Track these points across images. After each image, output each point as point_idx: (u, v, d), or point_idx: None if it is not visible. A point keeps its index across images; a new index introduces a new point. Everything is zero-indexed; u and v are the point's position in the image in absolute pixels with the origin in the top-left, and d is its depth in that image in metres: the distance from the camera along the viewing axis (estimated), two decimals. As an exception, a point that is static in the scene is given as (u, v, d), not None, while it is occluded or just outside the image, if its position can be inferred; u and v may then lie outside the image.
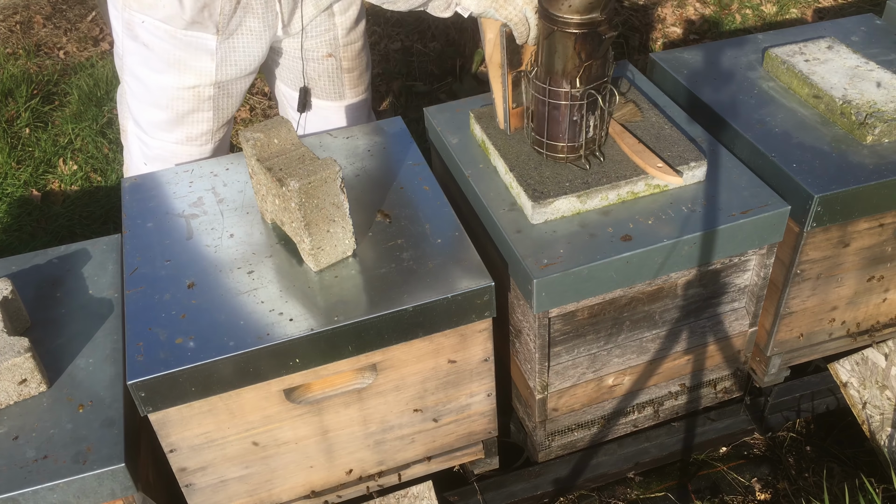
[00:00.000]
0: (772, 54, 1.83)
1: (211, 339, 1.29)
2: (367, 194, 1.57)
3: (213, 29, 1.66)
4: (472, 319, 1.39)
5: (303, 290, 1.37)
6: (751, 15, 3.60)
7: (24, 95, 3.20)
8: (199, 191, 1.61)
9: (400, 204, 1.54)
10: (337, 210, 1.36)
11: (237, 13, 1.66)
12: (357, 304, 1.34)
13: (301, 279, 1.39)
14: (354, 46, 1.91)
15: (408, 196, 1.56)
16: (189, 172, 1.66)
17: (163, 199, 1.60)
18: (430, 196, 1.56)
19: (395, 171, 1.63)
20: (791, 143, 1.63)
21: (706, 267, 1.54)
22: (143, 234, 1.52)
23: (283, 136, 1.41)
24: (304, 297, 1.35)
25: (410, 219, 1.50)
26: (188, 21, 1.64)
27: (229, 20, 1.66)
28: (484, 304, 1.38)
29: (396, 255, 1.42)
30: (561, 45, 1.41)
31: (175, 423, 1.32)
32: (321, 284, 1.38)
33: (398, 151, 1.69)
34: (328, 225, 1.36)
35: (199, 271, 1.42)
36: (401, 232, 1.47)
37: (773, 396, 1.91)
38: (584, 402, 1.65)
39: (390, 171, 1.63)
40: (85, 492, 1.27)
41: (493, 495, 1.78)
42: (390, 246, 1.44)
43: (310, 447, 1.47)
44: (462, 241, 1.45)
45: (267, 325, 1.31)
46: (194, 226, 1.52)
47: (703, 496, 1.86)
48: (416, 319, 1.35)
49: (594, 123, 1.51)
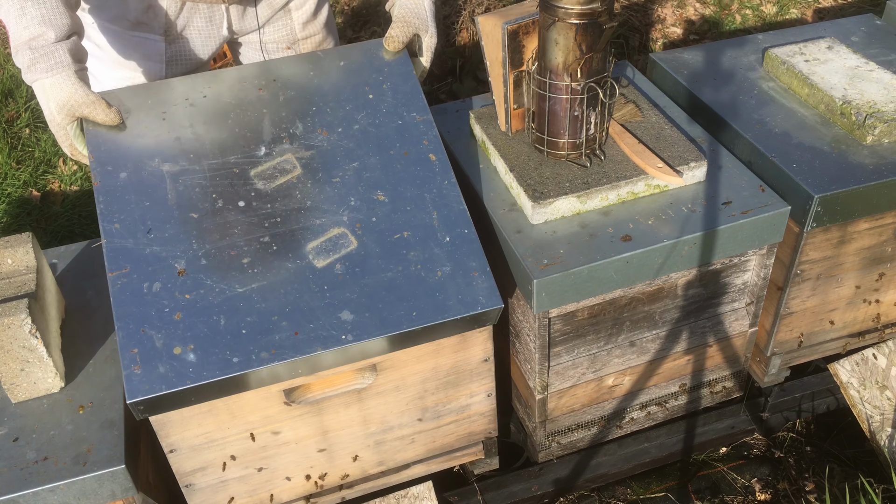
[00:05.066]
0: (772, 54, 1.83)
1: (211, 352, 1.24)
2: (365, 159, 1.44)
3: (159, 30, 1.68)
4: (473, 328, 1.37)
5: (301, 287, 1.30)
6: (751, 15, 3.60)
7: (24, 96, 3.19)
8: (177, 130, 1.47)
9: (404, 179, 1.42)
10: (30, 353, 1.31)
11: (183, 13, 1.67)
12: (362, 321, 1.28)
13: (300, 274, 1.31)
14: (313, 39, 1.91)
15: (412, 168, 1.44)
16: (163, 116, 1.50)
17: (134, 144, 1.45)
18: (436, 170, 1.43)
19: (396, 127, 1.49)
20: (791, 143, 1.63)
21: (706, 267, 1.54)
22: (117, 189, 1.38)
23: (19, 257, 1.36)
24: (301, 301, 1.29)
25: (416, 202, 1.40)
26: (133, 22, 1.65)
27: (175, 20, 1.67)
28: (489, 318, 1.35)
29: (403, 255, 1.35)
30: (561, 36, 1.41)
31: (175, 423, 1.32)
32: (320, 283, 1.32)
33: (401, 97, 1.53)
34: (21, 364, 1.32)
35: (187, 251, 1.32)
36: (406, 221, 1.38)
37: (773, 397, 1.91)
38: (584, 402, 1.65)
39: (391, 126, 1.49)
40: (85, 493, 1.27)
41: (493, 495, 1.78)
42: (396, 240, 1.37)
43: (310, 447, 1.47)
44: (472, 244, 1.38)
45: (271, 339, 1.25)
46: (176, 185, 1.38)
47: (703, 496, 1.86)
48: (421, 336, 1.33)
49: (595, 120, 1.51)
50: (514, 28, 1.49)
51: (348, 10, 3.62)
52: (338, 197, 1.41)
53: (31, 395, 1.37)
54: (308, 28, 1.88)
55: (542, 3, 1.42)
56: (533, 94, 1.54)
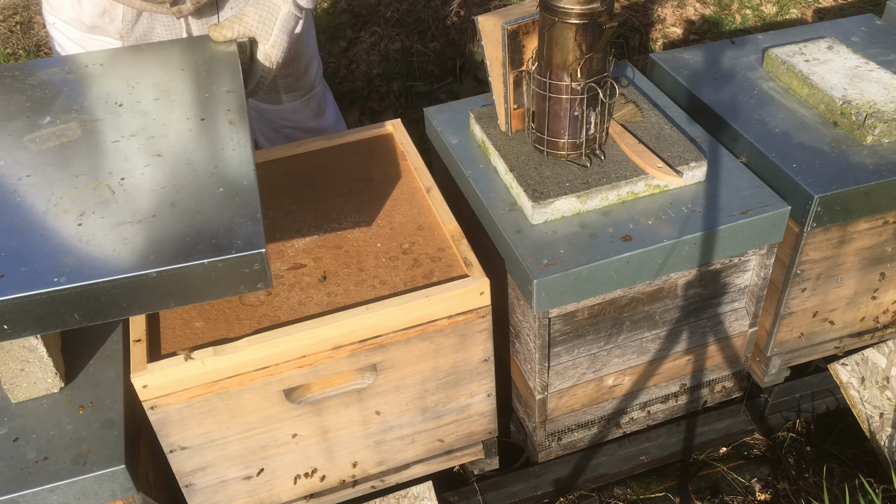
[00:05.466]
0: (772, 55, 1.83)
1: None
2: (155, 125, 1.35)
3: (115, 34, 1.67)
4: (242, 291, 1.16)
5: (32, 234, 1.15)
6: (751, 15, 3.60)
7: (24, 96, 3.19)
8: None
9: (191, 141, 1.32)
10: (30, 353, 1.32)
11: (142, 21, 1.67)
12: (83, 266, 1.10)
13: (37, 222, 1.17)
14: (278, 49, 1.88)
15: (205, 132, 1.34)
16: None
17: None
18: (230, 132, 1.33)
19: (201, 99, 1.42)
20: (791, 143, 1.63)
21: (706, 267, 1.54)
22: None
23: None
24: (23, 247, 1.13)
25: (197, 160, 1.28)
26: (88, 25, 1.66)
27: (132, 27, 1.67)
28: (254, 274, 1.14)
29: (161, 203, 1.19)
30: (561, 36, 1.41)
31: (175, 423, 1.32)
32: (56, 230, 1.16)
33: (215, 75, 1.48)
34: (21, 364, 1.32)
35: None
36: (178, 175, 1.25)
37: (774, 397, 1.91)
38: (584, 402, 1.65)
39: (195, 98, 1.42)
40: (85, 493, 1.27)
41: (493, 495, 1.78)
42: (161, 191, 1.22)
43: (310, 447, 1.47)
44: (247, 194, 1.20)
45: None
46: None
47: (703, 496, 1.86)
48: (165, 287, 1.12)
49: (595, 120, 1.51)
50: (514, 28, 1.50)
51: (349, 10, 3.62)
52: (110, 157, 1.32)
53: (31, 395, 1.36)
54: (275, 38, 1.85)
55: (542, 3, 1.42)
56: (533, 94, 1.54)
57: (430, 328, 1.38)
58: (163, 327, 1.35)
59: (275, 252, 1.47)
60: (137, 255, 1.12)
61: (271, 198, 1.59)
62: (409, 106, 3.20)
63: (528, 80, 1.56)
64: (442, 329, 1.39)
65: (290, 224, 1.53)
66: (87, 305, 1.10)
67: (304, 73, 1.96)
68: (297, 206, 1.58)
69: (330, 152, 1.72)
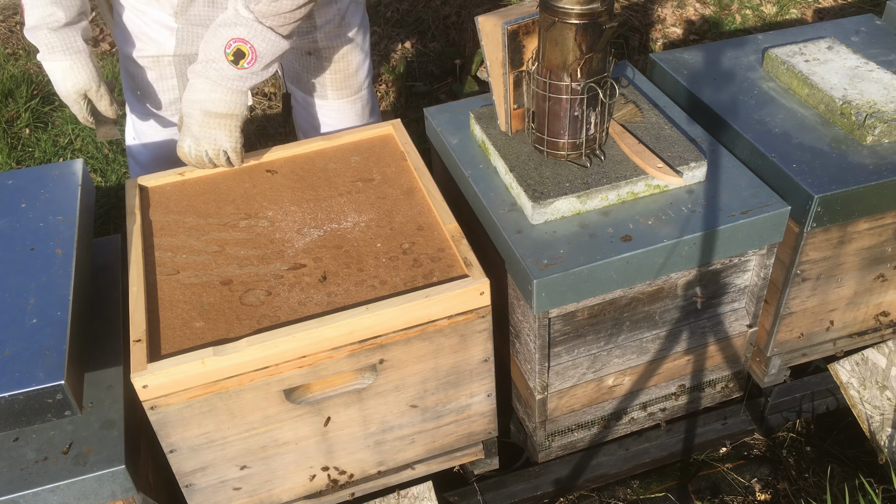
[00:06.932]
0: (772, 55, 1.83)
1: None
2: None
3: (170, 10, 1.68)
4: (51, 419, 1.29)
5: None
6: (751, 15, 3.60)
7: (25, 96, 3.20)
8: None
9: (17, 270, 1.42)
10: None
11: (196, 3, 1.67)
12: None
13: None
14: (336, 50, 1.89)
15: (31, 261, 1.44)
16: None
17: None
18: (56, 262, 1.43)
19: (35, 228, 1.51)
20: (791, 143, 1.63)
21: (706, 267, 1.54)
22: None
23: None
24: None
25: (18, 289, 1.38)
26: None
27: (188, 7, 1.67)
28: (58, 403, 1.27)
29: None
30: (561, 36, 1.41)
31: (175, 423, 1.32)
32: None
33: (53, 204, 1.56)
34: None
35: None
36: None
37: (774, 397, 1.91)
38: (584, 402, 1.65)
39: (29, 228, 1.51)
40: (85, 493, 1.27)
41: (493, 495, 1.78)
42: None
43: (310, 447, 1.47)
44: (58, 326, 1.31)
45: None
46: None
47: (703, 496, 1.86)
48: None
49: (595, 120, 1.51)
50: (514, 28, 1.50)
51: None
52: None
53: None
54: (334, 40, 1.85)
55: (542, 3, 1.42)
56: (533, 94, 1.54)
57: (430, 328, 1.38)
58: (163, 327, 1.35)
59: (275, 252, 1.47)
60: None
61: (271, 198, 1.60)
62: (409, 106, 3.20)
63: (528, 80, 1.56)
64: (442, 329, 1.39)
65: (290, 224, 1.53)
66: None
67: (354, 74, 1.97)
68: (297, 206, 1.58)
69: (330, 152, 1.72)
